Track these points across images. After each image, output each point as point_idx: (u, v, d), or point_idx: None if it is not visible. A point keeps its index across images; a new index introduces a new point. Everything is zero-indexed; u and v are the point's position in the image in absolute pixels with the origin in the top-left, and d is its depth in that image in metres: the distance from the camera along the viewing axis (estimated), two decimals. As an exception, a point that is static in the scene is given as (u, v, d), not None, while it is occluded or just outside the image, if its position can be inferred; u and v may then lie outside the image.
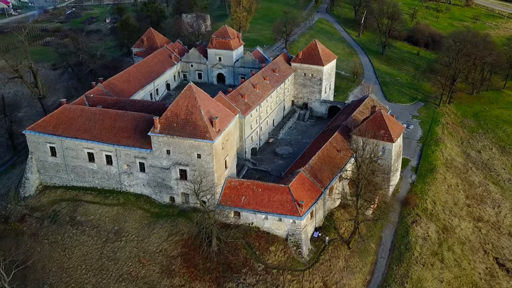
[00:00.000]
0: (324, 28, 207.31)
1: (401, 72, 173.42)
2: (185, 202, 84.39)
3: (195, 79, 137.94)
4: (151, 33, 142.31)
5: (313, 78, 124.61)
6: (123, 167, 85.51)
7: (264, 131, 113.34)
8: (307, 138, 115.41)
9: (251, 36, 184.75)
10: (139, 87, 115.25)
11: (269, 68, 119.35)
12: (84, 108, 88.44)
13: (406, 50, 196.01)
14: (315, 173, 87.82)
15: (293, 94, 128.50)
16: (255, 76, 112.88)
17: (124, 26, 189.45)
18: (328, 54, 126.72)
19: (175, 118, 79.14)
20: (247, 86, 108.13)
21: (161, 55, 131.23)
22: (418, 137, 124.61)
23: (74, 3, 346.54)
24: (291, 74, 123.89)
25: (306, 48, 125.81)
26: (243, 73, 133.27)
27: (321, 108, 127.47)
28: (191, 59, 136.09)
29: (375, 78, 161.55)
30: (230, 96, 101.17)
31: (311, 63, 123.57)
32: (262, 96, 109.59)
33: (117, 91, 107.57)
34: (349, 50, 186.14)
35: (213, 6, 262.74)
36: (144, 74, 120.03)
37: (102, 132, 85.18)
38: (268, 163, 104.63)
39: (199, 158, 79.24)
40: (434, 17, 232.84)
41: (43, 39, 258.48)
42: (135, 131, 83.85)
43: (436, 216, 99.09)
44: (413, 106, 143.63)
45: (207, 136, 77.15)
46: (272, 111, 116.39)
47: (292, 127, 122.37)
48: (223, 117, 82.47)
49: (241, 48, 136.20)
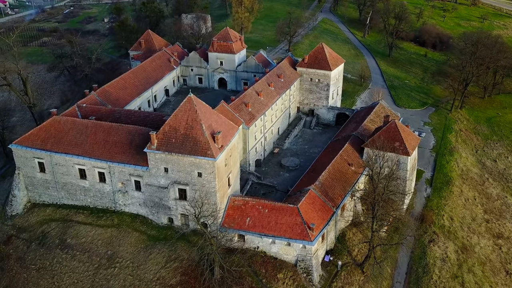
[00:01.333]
0: (328, 28, 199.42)
1: (409, 74, 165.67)
2: (184, 223, 76.86)
3: (195, 84, 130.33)
4: (149, 35, 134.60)
5: (320, 83, 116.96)
6: (117, 185, 77.95)
7: (268, 141, 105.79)
8: (314, 148, 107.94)
9: (253, 37, 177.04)
10: (135, 94, 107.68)
11: (274, 73, 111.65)
12: (75, 121, 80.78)
13: (413, 51, 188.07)
14: (325, 190, 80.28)
15: (298, 100, 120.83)
16: (259, 83, 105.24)
17: (121, 27, 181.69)
18: (335, 58, 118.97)
19: (173, 133, 71.54)
20: (251, 93, 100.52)
21: (159, 59, 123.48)
22: (431, 146, 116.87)
23: (72, 2, 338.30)
24: (296, 79, 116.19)
25: (312, 51, 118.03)
26: (245, 78, 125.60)
27: (329, 115, 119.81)
28: (191, 63, 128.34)
29: (382, 82, 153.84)
30: (233, 105, 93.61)
31: (318, 67, 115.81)
32: (267, 104, 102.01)
33: (112, 100, 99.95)
34: (355, 52, 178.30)
35: (214, 6, 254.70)
36: (141, 80, 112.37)
37: (95, 147, 77.62)
38: (273, 176, 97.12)
39: (200, 177, 71.65)
40: (441, 16, 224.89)
41: (39, 40, 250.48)
42: (130, 146, 76.28)
43: (454, 234, 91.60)
44: (423, 112, 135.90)
45: (208, 154, 69.56)
46: (277, 119, 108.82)
47: (298, 135, 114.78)
48: (226, 131, 74.89)
49: (243, 51, 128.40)
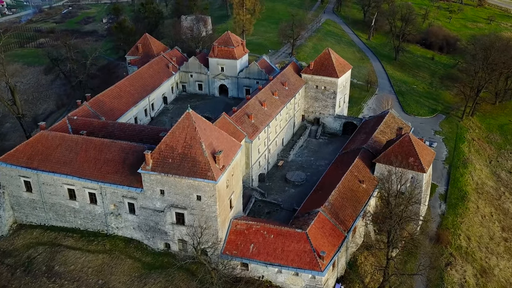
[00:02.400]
0: (332, 30, 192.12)
1: (417, 79, 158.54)
2: (182, 249, 69.99)
3: (195, 90, 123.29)
4: (147, 39, 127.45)
5: (326, 91, 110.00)
6: (110, 207, 71.06)
7: (272, 153, 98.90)
8: (321, 160, 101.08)
9: (255, 39, 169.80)
10: (132, 103, 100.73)
11: (278, 81, 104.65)
12: (64, 136, 73.75)
13: (419, 54, 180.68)
14: (336, 212, 73.40)
15: (303, 108, 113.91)
16: (262, 92, 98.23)
17: (119, 29, 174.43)
18: (342, 64, 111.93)
19: (170, 153, 64.63)
20: (254, 103, 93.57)
21: (157, 65, 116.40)
22: (444, 157, 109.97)
23: (70, 2, 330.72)
24: (301, 87, 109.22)
25: (318, 57, 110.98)
26: (248, 85, 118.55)
27: (335, 124, 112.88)
28: (190, 68, 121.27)
29: (389, 87, 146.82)
30: (235, 117, 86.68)
31: (324, 74, 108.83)
32: (271, 114, 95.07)
33: (106, 110, 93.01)
34: (360, 55, 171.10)
35: (214, 6, 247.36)
36: (138, 88, 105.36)
37: (85, 165, 70.68)
38: (278, 192, 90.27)
39: (199, 201, 64.78)
40: (447, 18, 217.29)
41: (36, 41, 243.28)
42: (123, 165, 69.34)
43: (472, 255, 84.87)
44: (434, 120, 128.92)
45: (209, 175, 62.65)
46: (281, 130, 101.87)
47: (303, 146, 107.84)
48: (228, 148, 67.97)
49: (245, 56, 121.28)
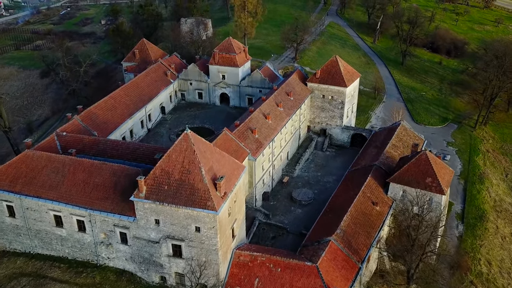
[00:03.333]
0: (336, 33, 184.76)
1: (425, 85, 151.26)
2: (179, 283, 62.91)
3: (194, 99, 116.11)
4: (144, 45, 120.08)
5: (334, 101, 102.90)
6: (100, 235, 64.01)
7: (277, 168, 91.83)
8: (329, 176, 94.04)
9: (256, 43, 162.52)
10: (127, 115, 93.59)
11: (283, 91, 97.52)
12: (50, 157, 66.57)
13: (426, 58, 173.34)
14: (348, 240, 66.33)
15: (309, 119, 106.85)
16: (266, 103, 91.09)
17: (116, 32, 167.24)
18: (351, 72, 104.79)
19: (166, 179, 57.56)
20: (257, 116, 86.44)
21: (154, 73, 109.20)
22: (458, 171, 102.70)
23: (69, 3, 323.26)
24: (307, 96, 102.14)
25: (325, 65, 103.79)
26: (250, 94, 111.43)
27: (343, 135, 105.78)
28: (190, 76, 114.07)
29: (397, 94, 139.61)
30: (237, 132, 79.54)
31: (331, 83, 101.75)
32: (276, 128, 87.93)
33: (99, 123, 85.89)
34: (366, 60, 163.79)
35: (214, 8, 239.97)
36: (134, 98, 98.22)
37: (72, 190, 63.57)
38: (284, 213, 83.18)
39: (198, 232, 57.71)
40: (453, 20, 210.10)
41: (33, 43, 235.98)
42: (114, 190, 62.22)
43: (493, 282, 77.85)
44: (445, 129, 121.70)
45: (209, 205, 55.56)
46: (286, 144, 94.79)
47: (310, 159, 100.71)
48: (230, 172, 60.87)
49: (248, 64, 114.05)
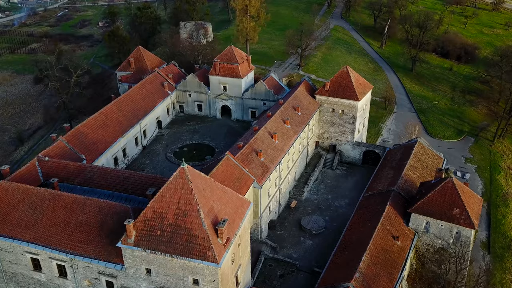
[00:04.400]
0: (341, 37, 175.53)
1: (436, 93, 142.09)
2: None
3: (193, 111, 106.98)
4: (140, 53, 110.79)
5: (344, 115, 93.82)
6: (83, 283, 54.96)
7: (284, 192, 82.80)
8: (340, 199, 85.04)
9: (259, 48, 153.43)
10: (119, 133, 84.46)
11: (289, 105, 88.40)
12: (27, 190, 57.26)
13: (436, 64, 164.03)
14: (368, 284, 57.28)
15: (317, 134, 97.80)
16: (272, 120, 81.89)
17: (112, 38, 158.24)
18: (363, 84, 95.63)
19: (159, 222, 48.47)
20: (262, 136, 77.28)
21: (150, 84, 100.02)
22: (480, 192, 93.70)
23: (66, 4, 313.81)
24: (316, 110, 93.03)
25: (335, 76, 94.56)
26: (254, 106, 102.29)
27: (354, 152, 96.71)
28: (188, 87, 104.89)
29: (409, 104, 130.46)
30: (241, 156, 70.38)
31: (341, 96, 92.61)
32: (283, 149, 78.76)
33: (88, 143, 76.77)
34: (373, 66, 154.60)
35: (215, 10, 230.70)
36: (127, 114, 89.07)
37: (52, 230, 54.44)
38: (292, 245, 74.08)
39: (197, 285, 48.68)
40: (461, 23, 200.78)
41: (28, 46, 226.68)
42: (100, 231, 53.05)
43: (527, 324, 69.06)
44: (462, 144, 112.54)
45: (209, 256, 46.44)
46: (294, 164, 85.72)
47: (319, 179, 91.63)
48: (234, 211, 51.77)
49: (251, 74, 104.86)
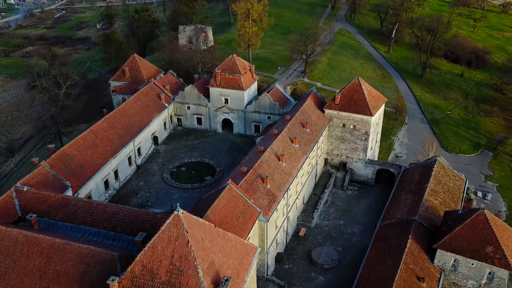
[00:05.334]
0: (347, 42, 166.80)
1: (449, 102, 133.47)
2: None
3: (192, 125, 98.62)
4: (136, 61, 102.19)
5: (356, 131, 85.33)
6: None
7: (292, 219, 74.37)
8: (354, 225, 76.52)
9: (261, 53, 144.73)
10: (110, 153, 75.92)
11: (297, 121, 79.90)
12: (-2, 231, 49.17)
13: (446, 70, 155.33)
14: None
15: (326, 150, 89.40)
16: (279, 140, 73.33)
17: (108, 42, 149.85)
18: (376, 97, 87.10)
19: (149, 280, 40.04)
20: (268, 159, 68.78)
21: (146, 96, 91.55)
22: (504, 215, 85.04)
23: (64, 5, 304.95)
24: (325, 126, 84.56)
25: (346, 89, 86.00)
26: (257, 120, 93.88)
27: (366, 170, 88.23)
28: (187, 99, 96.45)
29: (420, 114, 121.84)
30: (245, 183, 61.84)
31: (353, 111, 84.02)
32: (291, 172, 70.24)
33: (73, 168, 68.31)
34: (381, 72, 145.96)
35: (215, 12, 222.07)
36: (120, 131, 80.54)
37: (25, 281, 46.01)
38: (302, 282, 65.56)
39: None
40: (470, 26, 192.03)
41: (23, 49, 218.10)
42: (80, 284, 44.77)
43: None
44: (480, 159, 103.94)
45: (209, 324, 38.25)
46: (302, 187, 77.25)
47: (329, 201, 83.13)
48: (239, 262, 43.38)
49: (254, 85, 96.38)
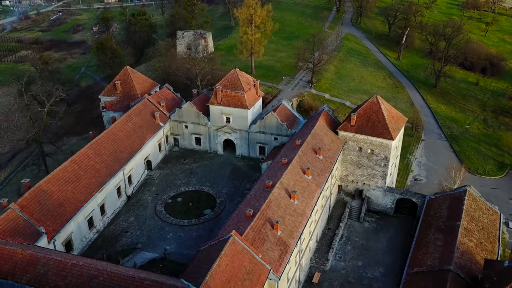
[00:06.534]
0: (354, 48, 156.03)
1: (466, 114, 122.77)
2: None
3: (191, 145, 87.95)
4: (128, 74, 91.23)
5: (374, 156, 74.73)
6: None
7: (304, 264, 63.70)
8: (374, 266, 65.89)
9: (264, 61, 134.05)
10: (96, 185, 65.13)
11: (309, 148, 69.17)
12: None
13: (459, 78, 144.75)
14: None
15: (340, 176, 78.82)
16: (289, 172, 62.50)
17: (101, 50, 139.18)
18: (396, 117, 76.43)
19: None
20: (278, 197, 58.03)
21: (138, 116, 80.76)
22: (541, 251, 74.89)
23: (60, 7, 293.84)
24: (340, 150, 73.95)
25: (362, 109, 75.13)
26: (263, 142, 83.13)
27: (385, 199, 77.58)
28: (185, 117, 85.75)
29: (438, 129, 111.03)
30: (251, 232, 51.02)
31: (371, 134, 73.38)
32: (304, 211, 59.46)
33: (51, 208, 57.62)
34: (392, 81, 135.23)
35: (215, 14, 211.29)
36: (108, 158, 69.75)
37: None
38: None
39: None
40: (482, 30, 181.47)
41: (16, 54, 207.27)
42: None
43: None
44: (507, 181, 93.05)
45: None
46: (316, 224, 66.62)
47: (344, 236, 72.38)
48: None
49: (259, 102, 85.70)
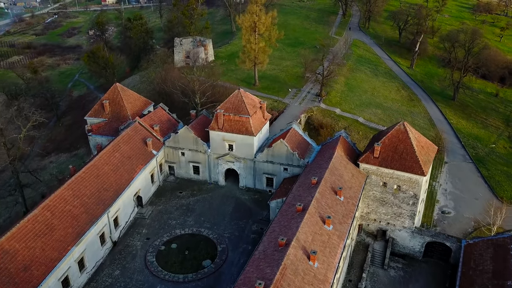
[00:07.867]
0: (364, 55, 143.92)
1: (489, 130, 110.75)
2: None
3: (188, 175, 76.03)
4: (118, 93, 79.21)
5: (401, 192, 63.02)
6: None
7: (324, 332, 52.04)
8: (404, 331, 54.47)
9: (268, 71, 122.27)
10: (73, 236, 53.18)
11: (327, 188, 57.26)
12: None
13: (477, 88, 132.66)
14: None
15: (360, 214, 67.10)
16: (306, 224, 50.51)
17: (92, 59, 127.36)
18: (426, 147, 64.59)
19: None
20: (294, 261, 46.14)
21: (127, 144, 68.85)
22: None
23: (56, 9, 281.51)
24: (362, 187, 62.18)
25: (387, 137, 63.33)
26: (271, 172, 71.16)
27: (413, 241, 65.81)
28: (181, 143, 73.82)
29: (461, 149, 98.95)
30: (263, 316, 39.60)
31: (398, 168, 61.61)
32: (326, 276, 47.41)
33: (13, 272, 45.80)
34: (407, 93, 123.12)
35: (215, 18, 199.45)
36: (89, 200, 57.82)
37: None
38: None
39: None
40: (496, 35, 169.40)
41: (7, 59, 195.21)
42: None
43: None
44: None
45: None
46: (338, 283, 54.88)
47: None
48: None
49: (266, 127, 73.71)
